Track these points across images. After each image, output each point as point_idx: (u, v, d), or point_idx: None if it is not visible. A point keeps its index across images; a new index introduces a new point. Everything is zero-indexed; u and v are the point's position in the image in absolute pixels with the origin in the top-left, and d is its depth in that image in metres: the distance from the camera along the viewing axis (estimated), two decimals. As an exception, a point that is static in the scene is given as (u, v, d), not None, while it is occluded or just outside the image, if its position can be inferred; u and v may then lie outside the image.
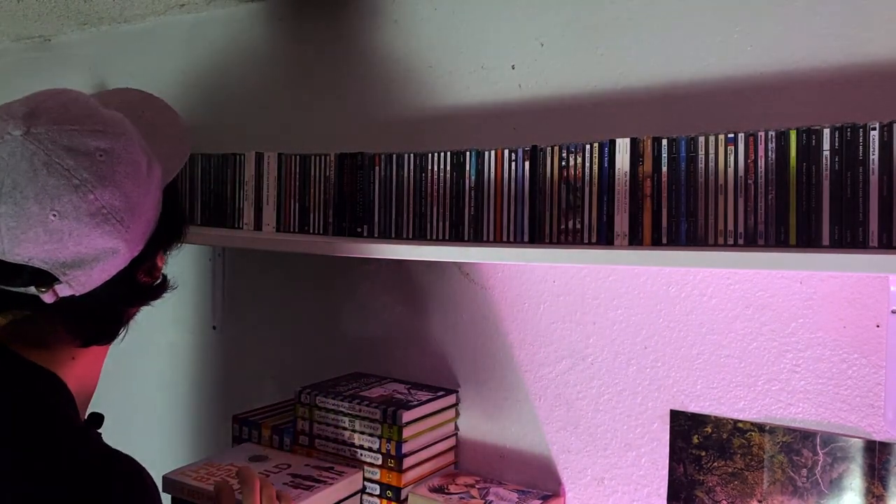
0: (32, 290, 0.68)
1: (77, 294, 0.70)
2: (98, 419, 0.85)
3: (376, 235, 1.20)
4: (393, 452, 1.17)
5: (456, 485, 1.20)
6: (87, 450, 0.70)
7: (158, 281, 0.80)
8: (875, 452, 0.96)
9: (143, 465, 0.74)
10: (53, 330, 0.73)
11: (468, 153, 1.11)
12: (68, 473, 0.67)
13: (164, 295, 0.81)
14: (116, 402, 1.80)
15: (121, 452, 0.73)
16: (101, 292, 0.71)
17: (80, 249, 0.68)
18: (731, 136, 0.92)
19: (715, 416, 1.08)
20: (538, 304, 1.23)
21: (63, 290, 0.69)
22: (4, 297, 0.69)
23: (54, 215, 0.66)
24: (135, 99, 0.84)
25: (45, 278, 0.68)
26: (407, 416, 1.17)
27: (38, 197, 0.66)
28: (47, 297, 0.68)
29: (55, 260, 0.67)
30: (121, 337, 0.80)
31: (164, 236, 0.79)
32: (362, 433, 1.20)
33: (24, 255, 0.66)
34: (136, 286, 0.77)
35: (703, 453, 1.08)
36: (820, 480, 1.00)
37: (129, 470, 0.71)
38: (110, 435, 0.84)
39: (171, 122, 0.84)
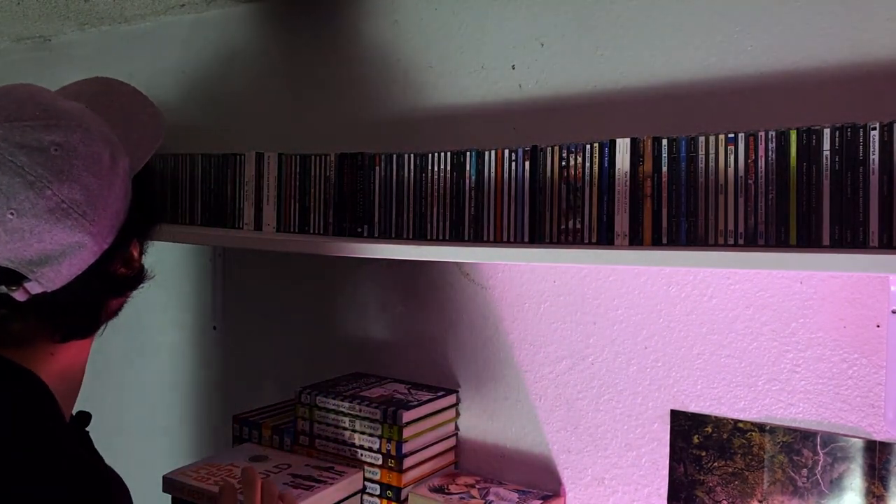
0: (3, 289, 0.67)
1: (49, 290, 0.69)
2: (85, 418, 0.84)
3: (376, 235, 1.20)
4: (393, 452, 1.17)
5: (456, 485, 1.20)
6: (54, 451, 0.69)
7: (136, 271, 0.79)
8: (875, 452, 0.96)
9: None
10: (30, 327, 0.72)
11: (468, 153, 1.11)
12: (32, 475, 0.65)
13: (143, 285, 0.80)
14: (117, 402, 1.80)
15: (96, 464, 0.72)
16: (75, 286, 0.70)
17: (45, 246, 0.67)
18: (731, 136, 0.92)
19: (715, 416, 1.08)
20: (538, 304, 1.23)
21: (34, 288, 0.68)
22: None
23: (12, 214, 0.65)
24: (104, 88, 0.82)
25: (14, 277, 0.67)
26: (407, 416, 1.17)
27: None
28: (19, 296, 0.68)
29: (21, 259, 0.66)
30: (101, 330, 0.79)
31: (137, 226, 0.77)
32: (362, 433, 1.20)
33: None
34: (113, 278, 0.76)
35: (704, 453, 1.08)
36: (820, 480, 1.00)
37: (88, 474, 0.70)
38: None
39: (141, 110, 0.82)
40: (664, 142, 0.96)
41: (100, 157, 0.71)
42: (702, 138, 0.94)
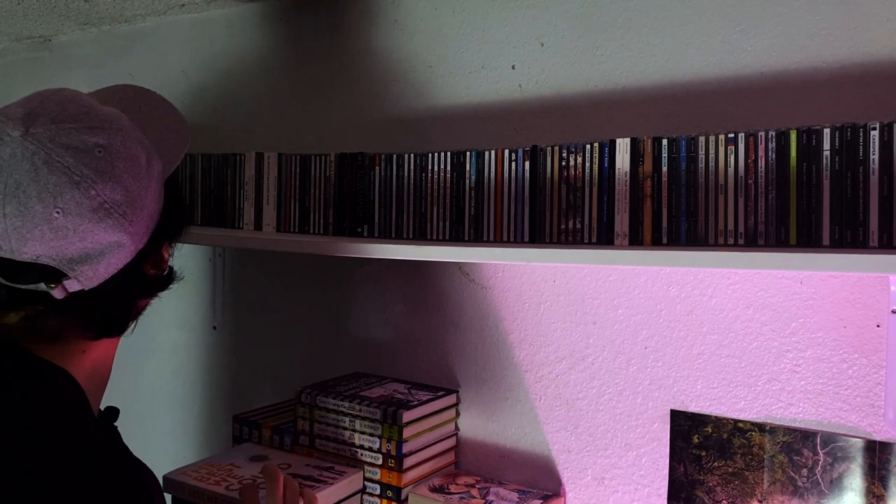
0: (42, 286, 0.69)
1: (86, 288, 0.71)
2: (113, 413, 0.86)
3: (376, 235, 1.20)
4: (393, 452, 1.17)
5: (456, 485, 1.20)
6: (89, 450, 0.70)
7: (165, 272, 0.81)
8: (875, 452, 0.96)
9: (144, 464, 0.74)
10: (65, 324, 0.74)
11: (468, 153, 1.11)
12: (63, 472, 0.66)
13: (172, 286, 0.82)
14: (117, 401, 1.80)
15: (130, 455, 0.73)
16: (109, 285, 0.72)
17: (86, 245, 0.69)
18: (731, 136, 0.92)
19: (715, 416, 1.08)
20: (538, 304, 1.23)
21: (72, 286, 0.70)
22: (16, 295, 0.70)
23: (58, 212, 0.67)
24: (131, 95, 0.85)
25: (54, 275, 0.69)
26: (407, 415, 1.17)
27: (40, 195, 0.66)
28: (57, 293, 0.69)
29: (62, 256, 0.68)
30: (131, 329, 0.81)
31: (168, 228, 0.80)
32: (363, 433, 1.20)
33: (31, 254, 0.67)
34: (144, 278, 0.78)
35: (704, 453, 1.08)
36: (820, 480, 1.00)
37: (125, 467, 0.71)
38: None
39: (168, 115, 0.85)
40: (664, 142, 0.96)
41: (138, 159, 0.73)
42: (702, 138, 0.94)
